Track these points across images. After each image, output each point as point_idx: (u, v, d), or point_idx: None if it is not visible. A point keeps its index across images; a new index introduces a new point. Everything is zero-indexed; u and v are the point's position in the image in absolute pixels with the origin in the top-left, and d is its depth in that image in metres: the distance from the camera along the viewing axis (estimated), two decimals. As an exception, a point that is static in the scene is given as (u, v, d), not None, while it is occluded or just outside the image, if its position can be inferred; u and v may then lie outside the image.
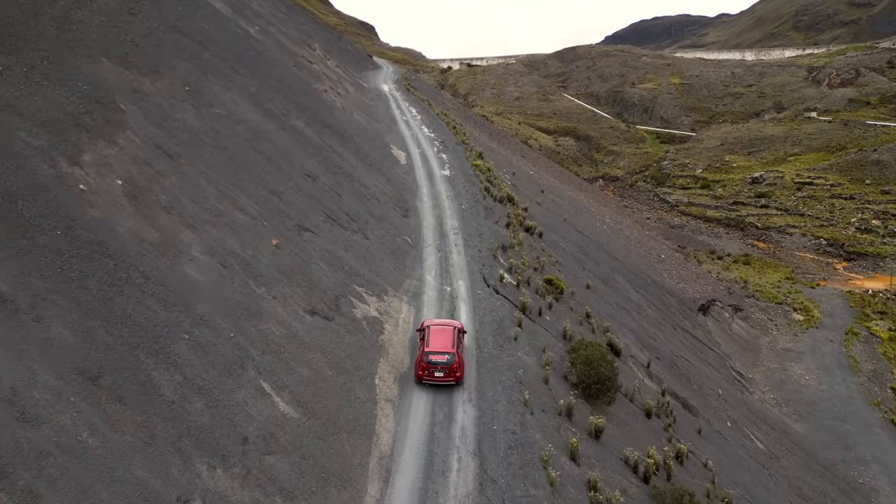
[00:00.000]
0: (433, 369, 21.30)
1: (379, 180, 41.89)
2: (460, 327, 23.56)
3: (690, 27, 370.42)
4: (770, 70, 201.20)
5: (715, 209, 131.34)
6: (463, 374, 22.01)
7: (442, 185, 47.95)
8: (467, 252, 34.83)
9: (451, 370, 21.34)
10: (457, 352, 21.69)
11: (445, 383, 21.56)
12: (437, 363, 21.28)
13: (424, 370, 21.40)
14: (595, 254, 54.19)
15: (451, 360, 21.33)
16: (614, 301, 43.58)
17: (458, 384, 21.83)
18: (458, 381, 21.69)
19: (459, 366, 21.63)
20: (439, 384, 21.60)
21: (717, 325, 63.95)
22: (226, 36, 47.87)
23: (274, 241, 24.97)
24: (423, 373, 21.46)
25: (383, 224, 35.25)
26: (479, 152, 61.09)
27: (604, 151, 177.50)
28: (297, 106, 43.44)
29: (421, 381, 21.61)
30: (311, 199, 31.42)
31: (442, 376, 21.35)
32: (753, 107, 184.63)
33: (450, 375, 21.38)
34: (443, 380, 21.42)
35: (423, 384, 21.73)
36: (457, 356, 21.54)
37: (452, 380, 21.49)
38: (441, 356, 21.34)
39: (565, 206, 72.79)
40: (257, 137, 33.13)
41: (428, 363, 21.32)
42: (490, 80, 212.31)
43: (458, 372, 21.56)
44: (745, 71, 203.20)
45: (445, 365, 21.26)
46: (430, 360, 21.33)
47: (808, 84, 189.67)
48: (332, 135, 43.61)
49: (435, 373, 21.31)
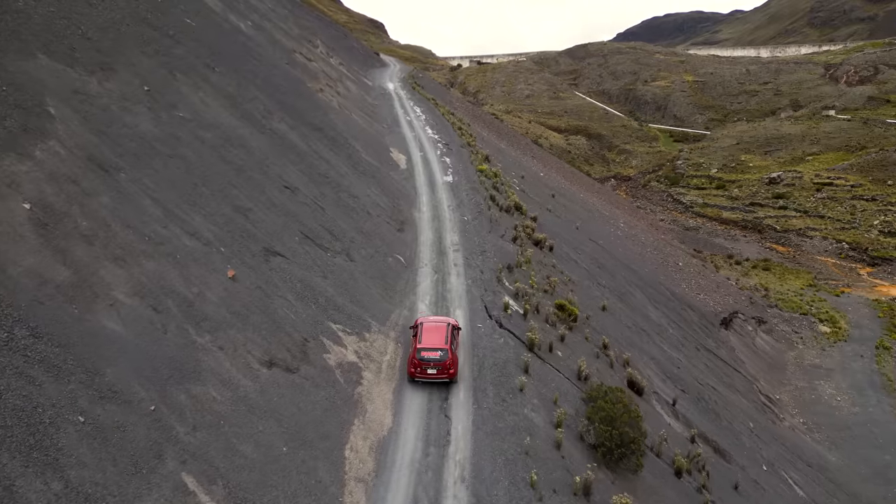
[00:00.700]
0: (426, 366, 20.60)
1: (372, 189, 37.34)
2: (455, 324, 22.86)
3: (703, 24, 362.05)
4: (786, 67, 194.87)
5: (731, 210, 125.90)
6: (457, 371, 21.22)
7: (443, 193, 43.35)
8: (468, 273, 30.24)
9: (444, 367, 20.62)
10: (450, 348, 20.98)
11: (438, 380, 20.79)
12: (430, 360, 20.59)
13: (417, 367, 20.70)
14: (610, 266, 49.43)
15: (444, 357, 20.65)
16: (633, 322, 38.86)
17: (452, 382, 21.07)
18: (451, 379, 20.92)
19: (453, 363, 20.90)
20: (432, 381, 20.81)
21: (741, 339, 58.99)
22: (209, 31, 43.49)
23: (230, 271, 20.51)
24: (415, 370, 20.75)
25: (373, 241, 30.71)
26: (485, 155, 56.42)
27: (616, 150, 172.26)
28: (282, 107, 38.95)
29: (413, 378, 20.88)
30: (287, 215, 26.92)
31: (435, 373, 20.63)
32: (769, 105, 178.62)
33: (443, 372, 20.65)
34: (436, 377, 20.67)
35: (416, 382, 20.94)
36: (450, 353, 20.84)
37: (446, 377, 20.73)
38: (434, 353, 20.67)
39: (577, 211, 68.02)
40: (228, 144, 28.67)
41: (420, 360, 20.63)
42: (500, 77, 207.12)
43: (452, 369, 20.83)
44: (760, 68, 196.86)
45: (438, 361, 20.59)
46: (423, 356, 20.63)
47: (826, 82, 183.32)
48: (322, 139, 39.08)
49: (427, 370, 20.60)
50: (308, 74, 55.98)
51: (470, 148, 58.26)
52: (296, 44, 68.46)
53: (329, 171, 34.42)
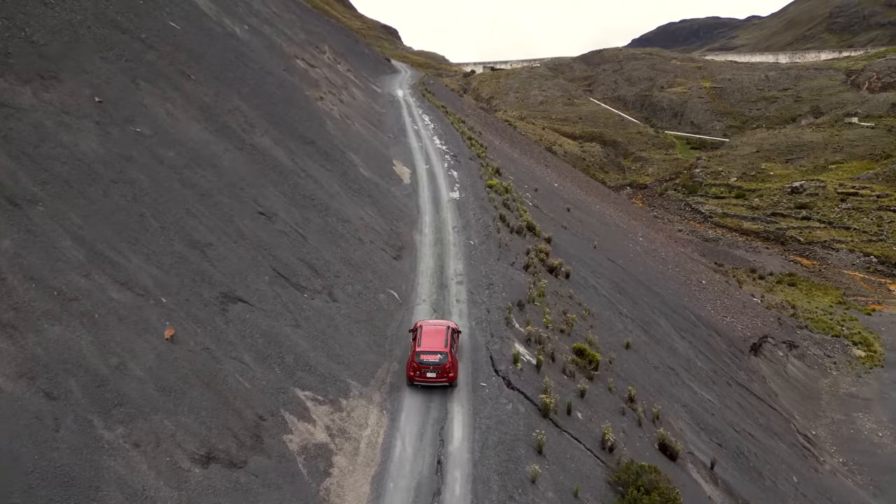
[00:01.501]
0: (425, 370, 20.02)
1: (367, 210, 32.97)
2: (455, 327, 22.24)
3: (720, 29, 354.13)
4: (806, 73, 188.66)
5: (752, 221, 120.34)
6: (456, 374, 20.60)
7: (449, 212, 38.91)
8: (472, 313, 25.75)
9: (443, 370, 20.05)
10: (450, 351, 20.34)
11: (438, 384, 20.22)
12: (429, 363, 20.00)
13: (416, 371, 20.14)
14: (632, 290, 44.73)
15: (444, 360, 20.04)
16: (659, 359, 34.18)
17: (452, 385, 20.49)
18: (451, 383, 20.35)
19: (452, 366, 20.33)
20: (431, 385, 20.22)
21: (771, 366, 53.99)
22: (195, 35, 39.43)
23: (169, 330, 16.19)
24: (414, 374, 20.21)
25: (363, 275, 26.31)
26: (495, 167, 51.92)
27: (631, 157, 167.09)
28: (270, 118, 34.71)
29: (412, 382, 20.34)
30: (258, 248, 22.59)
31: (434, 377, 20.06)
32: (789, 111, 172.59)
33: (442, 376, 20.09)
34: (435, 380, 20.11)
35: (415, 385, 20.39)
36: (449, 356, 20.24)
37: (445, 380, 20.16)
38: (433, 356, 20.07)
39: (594, 226, 63.33)
40: (194, 164, 24.42)
41: (419, 363, 20.05)
42: (514, 83, 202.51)
43: (451, 372, 20.25)
44: (779, 74, 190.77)
45: (437, 365, 20.00)
46: (422, 360, 20.05)
47: (847, 88, 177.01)
48: (313, 153, 34.79)
49: (427, 373, 20.04)
50: (307, 82, 51.81)
51: (480, 160, 53.78)
52: (298, 49, 64.44)
53: (316, 192, 30.06)
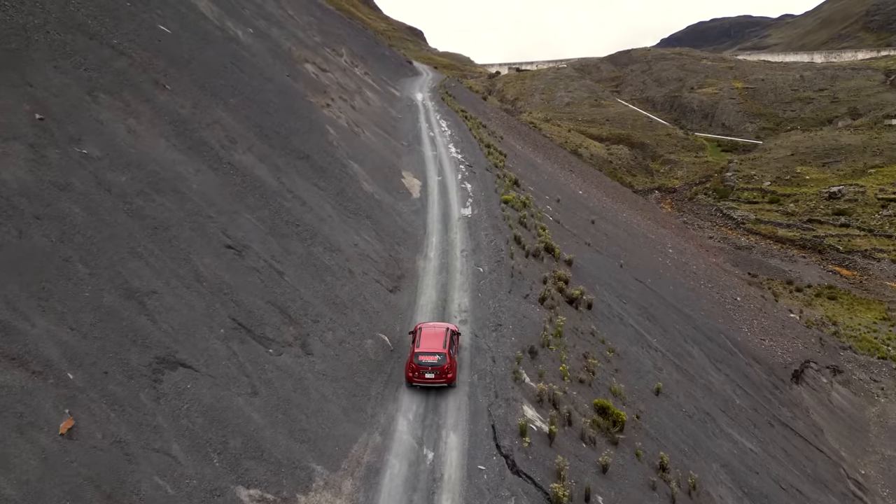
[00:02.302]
0: (423, 370, 19.91)
1: (364, 234, 29.09)
2: (454, 329, 22.13)
3: (751, 28, 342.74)
4: (843, 73, 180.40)
5: (787, 228, 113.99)
6: (455, 375, 20.46)
7: (458, 232, 34.89)
8: (475, 364, 21.69)
9: (441, 371, 19.93)
10: (448, 352, 20.21)
11: (436, 385, 20.11)
12: (428, 364, 19.89)
13: (414, 372, 20.02)
14: (661, 315, 40.25)
15: (442, 361, 19.96)
16: (693, 404, 29.77)
17: (451, 386, 20.39)
18: (449, 383, 20.26)
19: (451, 367, 20.21)
20: (430, 385, 20.09)
21: (814, 396, 48.97)
22: (185, 39, 35.98)
23: (66, 422, 12.50)
24: (412, 374, 20.08)
25: (349, 316, 22.43)
26: (513, 179, 47.67)
27: (660, 160, 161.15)
28: (259, 131, 31.03)
29: (411, 383, 20.20)
30: (217, 293, 18.82)
31: (433, 377, 19.95)
32: (825, 113, 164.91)
33: (441, 377, 19.98)
34: (433, 381, 20.00)
35: (414, 386, 20.23)
36: (448, 357, 20.12)
37: (444, 381, 20.07)
38: (431, 357, 19.96)
39: (621, 239, 58.77)
40: (151, 189, 20.79)
41: (418, 364, 19.93)
42: (539, 85, 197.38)
43: (450, 373, 20.15)
44: (815, 74, 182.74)
45: (436, 366, 19.89)
46: (420, 360, 19.94)
47: (886, 88, 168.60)
48: (306, 170, 31.01)
49: (425, 374, 19.92)
50: (314, 88, 48.15)
51: (497, 170, 49.58)
52: (310, 53, 60.94)
53: (303, 216, 26.26)
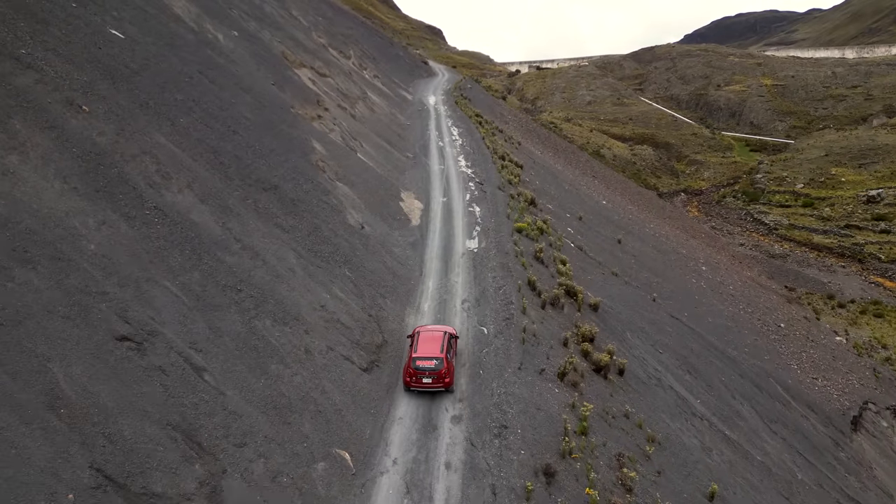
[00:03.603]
0: (421, 375, 19.25)
1: (337, 287, 22.73)
2: (452, 332, 21.29)
3: (778, 24, 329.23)
4: (877, 69, 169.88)
5: (823, 234, 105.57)
6: (452, 380, 19.64)
7: (461, 274, 28.44)
8: (466, 496, 15.35)
9: (439, 376, 19.27)
10: (445, 357, 19.48)
11: (434, 389, 19.38)
12: (425, 369, 19.24)
13: (412, 377, 19.36)
14: (703, 364, 33.44)
15: (440, 366, 19.28)
16: (752, 494, 23.07)
17: (448, 391, 19.60)
18: (447, 388, 19.50)
19: (448, 372, 19.44)
20: (428, 390, 19.38)
21: (875, 445, 41.72)
22: (142, 45, 29.86)
23: None
24: (410, 379, 19.41)
25: (293, 428, 16.06)
26: (529, 198, 41.01)
27: (685, 161, 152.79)
28: (215, 157, 24.80)
29: (409, 387, 19.52)
30: (79, 424, 12.57)
31: (430, 382, 19.28)
32: (859, 111, 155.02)
33: (438, 381, 19.28)
34: (431, 386, 19.31)
35: (412, 391, 19.53)
36: (445, 361, 19.39)
37: (441, 386, 19.35)
38: (429, 361, 19.32)
39: (651, 260, 51.77)
40: (14, 260, 14.68)
41: (416, 369, 19.27)
42: (560, 83, 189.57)
43: (448, 378, 19.40)
44: (847, 70, 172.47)
45: (433, 371, 19.23)
46: (418, 365, 19.27)
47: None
48: (270, 205, 24.67)
49: (423, 379, 19.27)
50: (304, 97, 41.87)
51: (511, 187, 42.93)
52: (309, 57, 54.75)
53: (252, 274, 19.96)
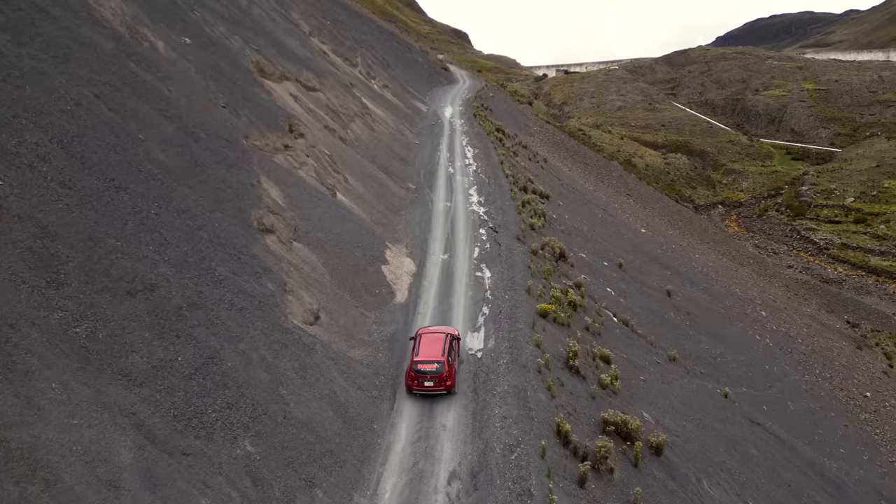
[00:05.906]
0: (422, 379, 18.65)
1: (217, 481, 12.74)
2: (455, 334, 20.85)
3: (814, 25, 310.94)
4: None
5: (881, 256, 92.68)
6: (454, 383, 19.02)
7: (453, 413, 18.22)
8: None
9: (440, 379, 18.62)
10: (447, 360, 18.93)
11: (436, 392, 18.72)
12: (427, 372, 18.61)
13: (414, 380, 18.79)
14: (783, 489, 22.68)
15: (441, 369, 18.64)
16: None
17: (450, 393, 18.89)
18: (449, 391, 18.85)
19: (450, 374, 18.85)
20: (430, 394, 18.69)
21: None
22: (16, 55, 20.19)
23: None
24: (412, 383, 18.84)
25: None
26: (557, 252, 30.41)
27: (722, 170, 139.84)
28: (42, 243, 14.96)
29: (411, 391, 18.95)
30: None
31: (432, 385, 18.66)
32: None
33: (440, 384, 18.67)
34: (433, 389, 18.70)
35: (414, 394, 18.87)
36: (447, 365, 18.82)
37: (443, 388, 18.72)
38: (430, 365, 18.71)
39: (706, 313, 40.56)
40: None
41: (417, 372, 18.72)
42: (589, 88, 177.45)
43: (449, 381, 18.80)
44: (894, 74, 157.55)
45: (435, 374, 18.59)
46: (419, 369, 18.73)
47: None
48: (127, 322, 14.74)
49: (425, 382, 18.66)
50: (266, 121, 31.68)
51: (533, 235, 32.24)
52: (294, 67, 44.62)
53: None
